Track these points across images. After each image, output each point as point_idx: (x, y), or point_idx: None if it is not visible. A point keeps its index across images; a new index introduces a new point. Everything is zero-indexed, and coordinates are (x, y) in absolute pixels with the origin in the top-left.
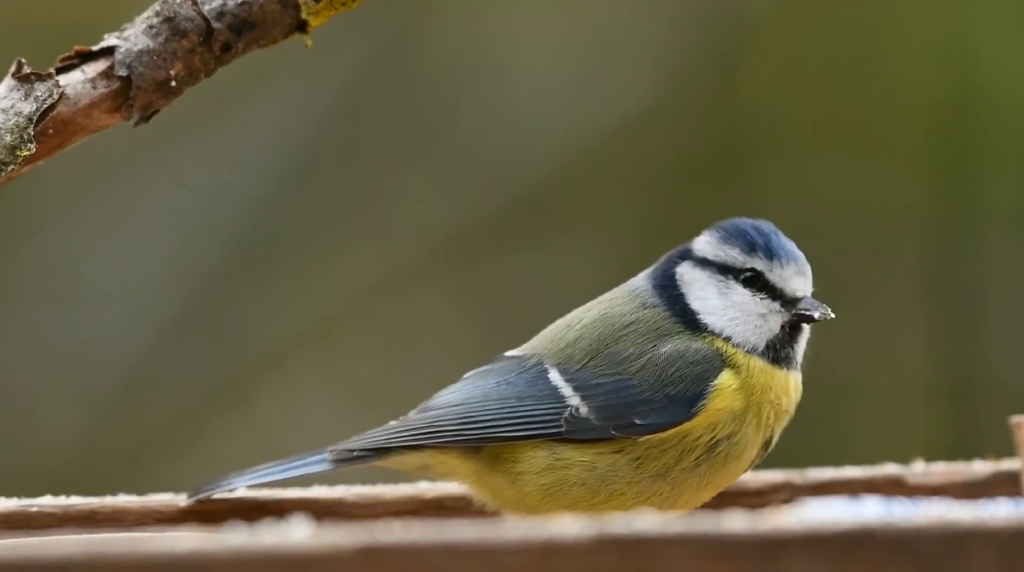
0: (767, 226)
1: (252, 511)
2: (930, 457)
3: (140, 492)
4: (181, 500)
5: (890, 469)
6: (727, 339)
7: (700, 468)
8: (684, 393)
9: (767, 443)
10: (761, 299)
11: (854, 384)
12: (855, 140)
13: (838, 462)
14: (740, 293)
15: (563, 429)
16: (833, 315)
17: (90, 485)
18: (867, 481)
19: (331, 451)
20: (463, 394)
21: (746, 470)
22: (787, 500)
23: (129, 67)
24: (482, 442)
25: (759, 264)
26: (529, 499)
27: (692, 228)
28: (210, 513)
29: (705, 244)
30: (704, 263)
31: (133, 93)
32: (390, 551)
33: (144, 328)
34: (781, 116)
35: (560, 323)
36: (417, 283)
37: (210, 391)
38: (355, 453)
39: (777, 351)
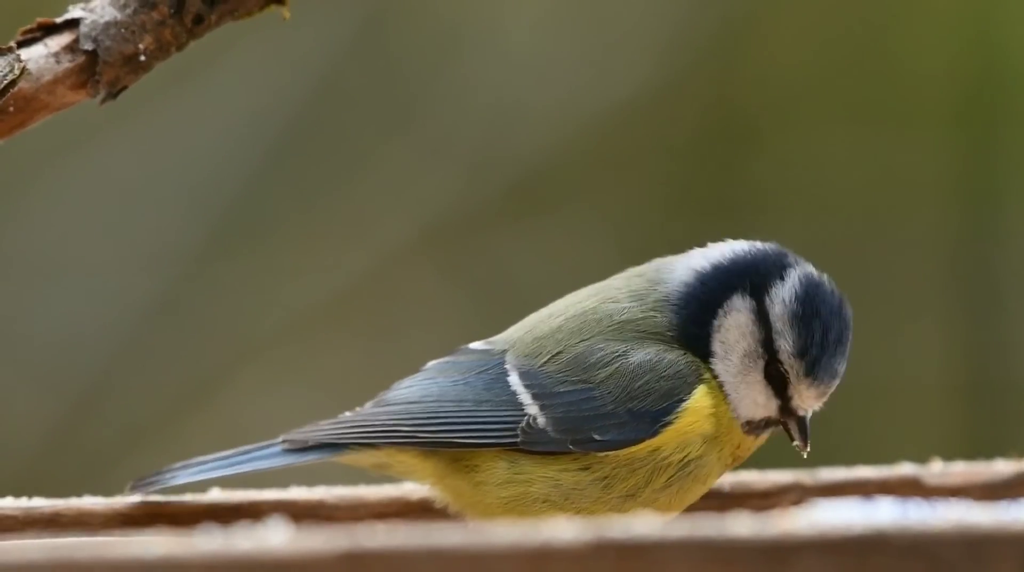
0: (841, 320)
1: (226, 513)
2: (948, 456)
3: (107, 492)
4: (150, 502)
5: (906, 469)
6: (720, 385)
7: (671, 488)
8: (649, 409)
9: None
10: (770, 397)
11: (867, 378)
12: (870, 112)
13: (851, 461)
14: (757, 378)
15: (519, 439)
16: (807, 452)
17: (54, 484)
18: (881, 482)
19: (285, 441)
20: (420, 391)
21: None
22: (796, 502)
23: (95, 40)
24: (436, 447)
25: (796, 370)
26: (491, 509)
27: (697, 207)
28: (181, 515)
29: (779, 303)
30: (762, 319)
31: (99, 68)
32: (373, 556)
33: (115, 316)
34: (792, 87)
35: (543, 312)
36: (404, 266)
37: (185, 382)
38: (310, 446)
39: (749, 427)
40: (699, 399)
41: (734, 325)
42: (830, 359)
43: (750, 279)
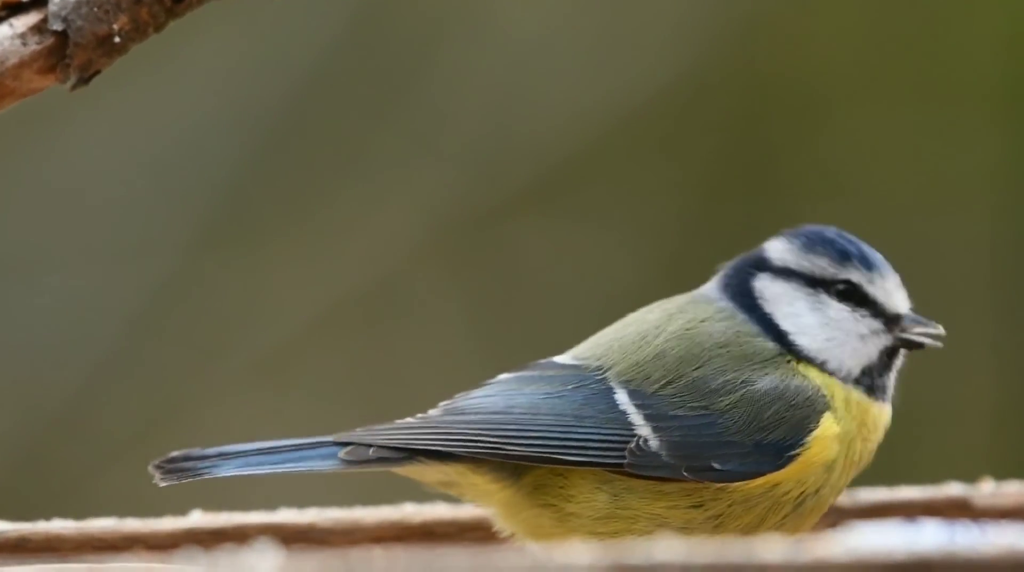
0: (848, 234)
1: (209, 537)
2: (1000, 476)
3: (79, 515)
4: (126, 525)
5: (953, 489)
6: (821, 364)
7: (784, 527)
8: (778, 440)
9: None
10: (862, 317)
11: (911, 391)
12: (915, 96)
13: (893, 481)
14: (837, 309)
15: (625, 461)
16: (943, 337)
17: (22, 506)
18: (926, 503)
19: (340, 443)
20: (504, 401)
21: None
22: (833, 525)
23: (65, 20)
24: (527, 461)
25: (855, 275)
26: None
27: (720, 198)
28: (159, 538)
29: (785, 252)
30: (787, 274)
31: (70, 51)
32: None
33: (89, 325)
34: (828, 73)
35: (628, 332)
36: (403, 265)
37: (166, 395)
38: (372, 453)
39: (872, 380)
40: (827, 426)
41: (776, 294)
42: (871, 251)
43: (750, 264)
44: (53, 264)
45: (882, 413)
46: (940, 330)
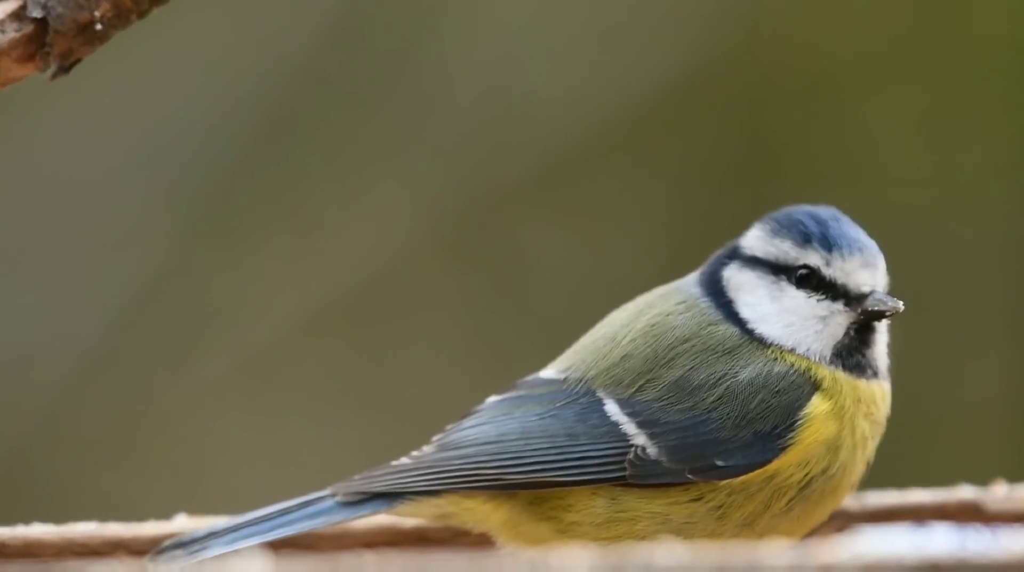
0: (827, 212)
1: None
2: (1013, 479)
3: (58, 520)
4: (108, 529)
5: (965, 493)
6: (792, 350)
7: (793, 512)
8: (771, 428)
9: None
10: (819, 300)
11: (922, 392)
12: (926, 81)
13: (902, 484)
14: (793, 295)
15: (626, 473)
16: (902, 307)
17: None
18: (937, 507)
19: (336, 493)
20: (495, 429)
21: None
22: (840, 529)
23: (45, 7)
24: (528, 488)
25: (813, 258)
26: None
27: (724, 190)
28: (143, 543)
29: (755, 239)
30: (754, 262)
31: (50, 38)
32: None
33: (70, 327)
34: (838, 60)
35: (601, 335)
36: (408, 263)
37: (152, 399)
38: (365, 498)
39: (845, 358)
40: (817, 404)
41: (740, 283)
42: (839, 226)
43: (727, 254)
44: (35, 259)
45: (877, 389)
46: (899, 306)
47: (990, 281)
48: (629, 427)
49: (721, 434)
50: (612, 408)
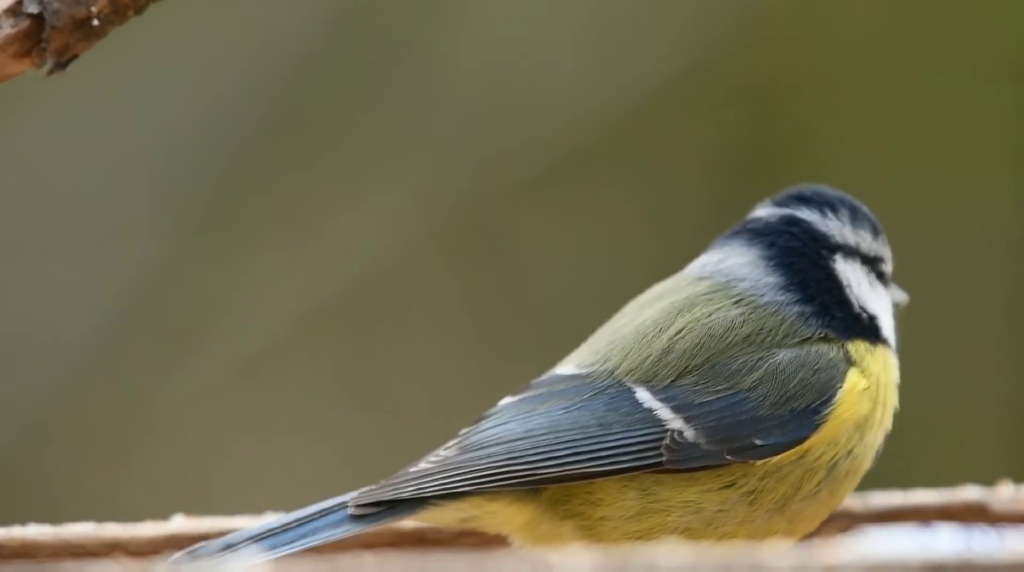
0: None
1: (191, 543)
2: (1019, 479)
3: (55, 521)
4: (105, 530)
5: (970, 493)
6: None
7: (820, 494)
8: (808, 405)
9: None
10: (885, 289)
11: (926, 391)
12: (930, 72)
13: (907, 484)
14: (880, 289)
15: (663, 458)
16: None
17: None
18: (942, 507)
19: (354, 505)
20: (521, 426)
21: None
22: (844, 530)
23: (41, 3)
24: (561, 481)
25: (885, 251)
26: None
27: (731, 184)
28: (140, 544)
29: (842, 228)
30: (849, 253)
31: (46, 34)
32: None
33: (69, 325)
34: (837, 52)
35: (627, 331)
36: (407, 261)
37: (151, 400)
38: (383, 508)
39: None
40: (854, 382)
41: (854, 278)
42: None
43: (809, 238)
44: (30, 259)
45: (889, 355)
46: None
47: (994, 275)
48: (664, 412)
49: (760, 412)
50: (644, 395)
